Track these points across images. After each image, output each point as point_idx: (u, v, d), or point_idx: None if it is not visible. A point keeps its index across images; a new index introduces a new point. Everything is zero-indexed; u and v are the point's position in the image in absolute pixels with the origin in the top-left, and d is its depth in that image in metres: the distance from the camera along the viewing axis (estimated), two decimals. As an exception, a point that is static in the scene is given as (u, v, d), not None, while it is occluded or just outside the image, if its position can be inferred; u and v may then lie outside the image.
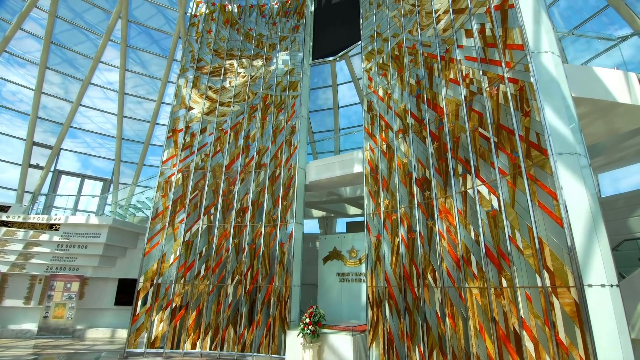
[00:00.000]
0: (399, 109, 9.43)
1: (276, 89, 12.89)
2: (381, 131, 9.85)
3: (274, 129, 12.34)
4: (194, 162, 11.95)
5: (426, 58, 8.88)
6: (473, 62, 7.34)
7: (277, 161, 11.89)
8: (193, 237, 11.15)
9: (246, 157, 12.14)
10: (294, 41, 13.51)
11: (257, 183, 11.76)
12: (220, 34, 14.03)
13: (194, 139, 12.34)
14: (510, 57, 6.41)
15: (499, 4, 6.80)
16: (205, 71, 13.39)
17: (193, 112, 12.73)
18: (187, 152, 12.18)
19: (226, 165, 11.99)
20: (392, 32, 10.40)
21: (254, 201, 11.53)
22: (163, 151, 12.16)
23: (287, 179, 11.54)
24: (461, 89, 7.52)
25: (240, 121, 12.58)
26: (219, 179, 11.86)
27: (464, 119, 7.34)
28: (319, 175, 11.34)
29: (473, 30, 7.37)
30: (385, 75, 10.28)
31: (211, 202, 11.63)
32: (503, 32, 6.62)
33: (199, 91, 13.08)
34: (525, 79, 5.98)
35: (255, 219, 11.31)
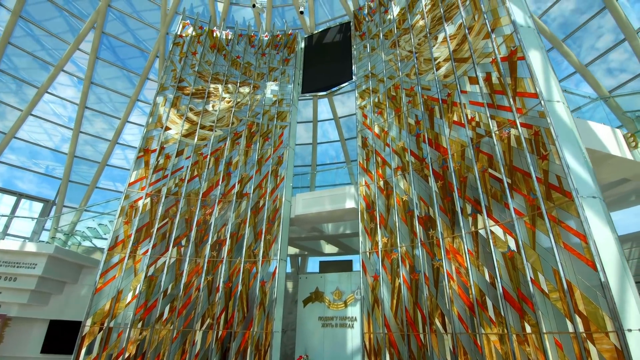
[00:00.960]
0: (397, 147, 9.44)
1: (263, 118, 12.44)
2: (377, 167, 9.72)
3: (259, 157, 11.69)
4: (167, 187, 10.72)
5: (426, 100, 9.16)
6: (479, 106, 7.64)
7: (262, 191, 11.12)
8: (158, 272, 9.65)
9: (226, 184, 11.22)
10: (283, 73, 13.43)
11: (238, 213, 10.79)
12: (205, 57, 13.53)
13: (168, 161, 11.20)
14: (521, 104, 6.74)
15: (506, 55, 7.29)
16: (187, 92, 12.60)
17: (170, 133, 11.69)
18: (159, 175, 10.95)
19: (203, 192, 10.92)
20: (388, 74, 10.75)
21: (233, 233, 10.47)
22: (130, 172, 10.79)
23: (272, 211, 10.75)
24: (467, 131, 7.71)
25: (222, 147, 11.78)
26: (193, 207, 10.70)
27: (471, 160, 7.44)
28: (307, 209, 10.74)
29: (479, 79, 7.75)
30: (381, 113, 10.40)
31: (183, 233, 10.34)
32: (512, 81, 7.02)
33: (179, 112, 12.17)
34: (541, 124, 6.25)
35: (234, 254, 10.20)
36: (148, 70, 15.24)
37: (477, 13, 8.40)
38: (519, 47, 6.99)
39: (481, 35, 8.09)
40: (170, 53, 13.19)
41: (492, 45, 7.62)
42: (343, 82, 12.57)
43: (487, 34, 7.90)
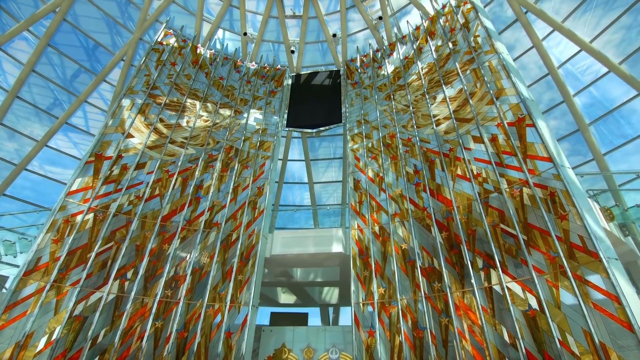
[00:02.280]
0: (394, 194, 9.24)
1: (244, 144, 11.43)
2: (372, 212, 9.29)
3: (236, 185, 10.44)
4: (118, 203, 8.72)
5: (425, 152, 9.35)
6: (486, 164, 7.95)
7: (235, 223, 9.73)
8: (88, 311, 7.33)
9: (194, 210, 9.60)
10: (269, 104, 12.87)
11: (204, 246, 9.13)
12: (185, 71, 12.40)
13: (124, 173, 9.29)
14: (533, 165, 7.15)
15: (514, 121, 7.89)
16: (159, 101, 11.13)
17: (131, 141, 9.91)
18: (109, 187, 8.93)
19: (164, 216, 9.12)
20: (383, 122, 10.94)
21: (196, 269, 8.71)
22: (73, 179, 8.61)
23: (246, 247, 9.34)
24: (473, 186, 7.87)
25: (193, 168, 10.30)
26: (149, 232, 8.77)
27: (479, 214, 7.48)
28: (287, 248, 9.58)
29: (484, 139, 8.19)
30: (375, 158, 10.30)
31: (130, 262, 8.26)
32: (522, 144, 7.51)
33: (146, 120, 10.54)
34: (557, 186, 6.60)
35: (194, 295, 8.36)
36: (107, 71, 13.30)
37: (478, 81, 9.19)
38: (527, 115, 7.63)
39: (484, 101, 8.76)
40: (147, 57, 11.78)
41: (497, 111, 8.24)
42: (331, 124, 12.46)
43: (490, 101, 8.57)
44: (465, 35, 10.19)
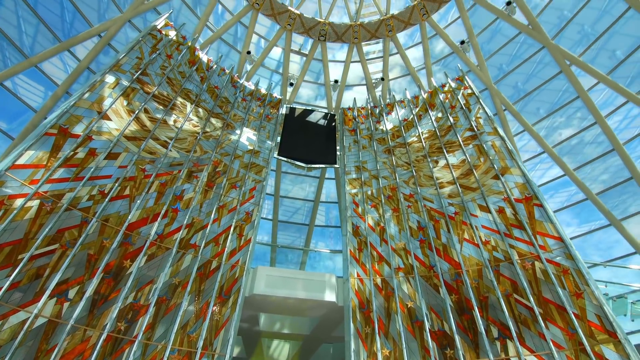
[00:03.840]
0: (397, 247, 8.91)
1: (233, 162, 10.16)
2: (373, 261, 8.71)
3: (221, 205, 8.97)
4: (74, 195, 6.64)
5: (429, 211, 9.43)
6: (494, 233, 8.25)
7: (217, 249, 8.13)
8: (4, 339, 4.95)
9: (169, 224, 7.82)
10: (263, 127, 12.00)
11: (176, 270, 7.31)
12: (180, 68, 11.05)
13: (90, 159, 7.29)
14: (544, 242, 7.62)
15: (521, 198, 8.51)
16: (147, 89, 9.49)
17: (107, 124, 8.02)
18: (68, 172, 6.84)
19: (131, 223, 7.20)
20: (383, 174, 10.93)
21: (162, 299, 6.80)
22: (23, 149, 6.38)
23: (227, 280, 7.75)
24: (482, 252, 8.02)
25: (175, 174, 8.65)
26: (109, 240, 6.74)
27: (490, 281, 7.52)
28: (272, 289, 8.18)
29: (491, 211, 8.61)
30: (375, 207, 10.02)
31: (76, 277, 6.08)
32: (531, 221, 8.04)
33: (129, 106, 8.77)
34: (570, 265, 7.04)
35: (156, 333, 6.38)
36: (78, 42, 11.09)
37: (482, 156, 9.95)
38: (534, 195, 8.33)
39: (489, 175, 9.42)
40: (142, 40, 10.23)
41: (503, 187, 8.86)
42: (326, 164, 12.00)
43: (495, 176, 9.24)
44: (466, 114, 11.23)
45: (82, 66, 11.45)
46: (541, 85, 12.61)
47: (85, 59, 11.48)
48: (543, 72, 12.70)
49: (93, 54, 11.70)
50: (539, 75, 12.62)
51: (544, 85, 12.61)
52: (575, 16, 11.36)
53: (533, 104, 12.70)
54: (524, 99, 12.76)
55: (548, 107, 12.33)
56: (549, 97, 12.38)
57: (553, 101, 12.36)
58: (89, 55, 11.64)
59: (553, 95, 12.34)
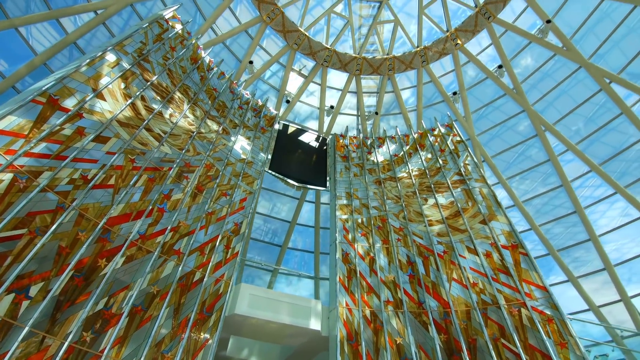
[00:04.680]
0: (387, 279, 8.74)
1: (225, 168, 9.57)
2: (362, 292, 8.41)
3: (210, 211, 8.28)
4: (53, 175, 5.74)
5: (419, 247, 9.48)
6: (482, 276, 8.45)
7: (202, 259, 7.37)
8: None
9: (153, 223, 7.00)
10: (257, 138, 11.57)
11: (155, 277, 6.45)
12: (182, 62, 10.48)
13: (77, 139, 6.42)
14: (529, 289, 7.91)
15: (507, 245, 8.88)
16: (146, 77, 8.80)
17: (101, 104, 7.21)
18: (50, 149, 5.93)
19: (112, 217, 6.33)
20: (373, 204, 10.93)
21: (137, 309, 5.90)
22: (3, 112, 5.44)
23: (210, 296, 6.98)
24: (470, 294, 8.12)
25: (165, 170, 7.90)
26: (85, 233, 5.82)
27: (479, 324, 7.57)
28: (255, 310, 7.47)
29: (479, 254, 8.88)
30: (365, 236, 9.87)
31: (41, 271, 5.10)
32: (517, 268, 8.36)
33: (127, 89, 8.02)
34: (554, 314, 7.32)
35: (126, 347, 5.46)
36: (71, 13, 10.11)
37: (470, 201, 10.37)
38: (519, 244, 8.75)
39: (476, 219, 9.79)
40: (149, 26, 9.61)
41: (490, 233, 9.23)
42: (316, 186, 11.73)
43: (483, 221, 9.63)
44: (455, 159, 11.79)
45: (68, 40, 10.44)
46: (518, 144, 13.77)
47: (73, 33, 10.51)
48: (517, 134, 13.92)
49: (84, 30, 10.77)
50: (516, 132, 13.79)
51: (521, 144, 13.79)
52: (558, 85, 12.70)
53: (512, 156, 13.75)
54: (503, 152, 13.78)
55: (526, 164, 13.38)
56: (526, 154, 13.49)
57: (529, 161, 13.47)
58: (79, 30, 10.68)
59: (526, 162, 13.49)
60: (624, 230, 11.25)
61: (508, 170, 13.95)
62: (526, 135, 13.63)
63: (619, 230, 11.60)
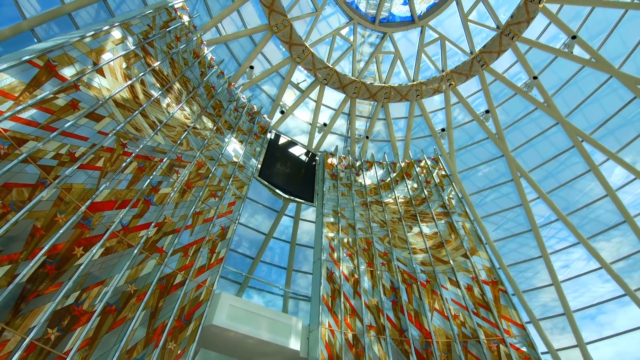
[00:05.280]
0: (371, 303, 8.56)
1: (216, 169, 9.13)
2: (346, 314, 8.14)
3: (197, 211, 7.76)
4: (39, 146, 5.13)
5: (403, 273, 9.46)
6: (463, 309, 8.53)
7: (185, 261, 6.80)
8: None
9: (138, 216, 6.41)
10: (250, 144, 11.23)
11: (134, 275, 5.83)
12: (185, 54, 10.10)
13: (70, 111, 5.84)
14: (507, 326, 8.06)
15: (488, 280, 9.09)
16: (149, 61, 8.34)
17: (99, 80, 6.67)
18: (39, 117, 5.33)
19: (95, 202, 5.72)
20: (360, 225, 10.85)
21: (110, 309, 5.25)
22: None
23: (190, 302, 6.40)
24: (451, 326, 8.14)
25: (157, 161, 7.37)
26: (63, 215, 5.19)
27: (459, 357, 7.55)
28: (234, 322, 6.91)
29: (461, 288, 9.01)
30: (351, 256, 9.70)
31: (9, 252, 4.42)
32: (496, 304, 8.53)
33: (128, 70, 7.52)
34: (531, 353, 7.47)
35: (95, 351, 4.79)
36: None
37: (453, 233, 10.61)
38: (500, 280, 8.99)
39: (459, 252, 10.00)
40: (157, 11, 9.22)
41: (472, 268, 9.44)
42: (303, 200, 11.47)
43: (465, 254, 9.85)
44: (439, 192, 12.13)
45: (64, 10, 9.76)
46: (493, 187, 14.51)
47: (71, 4, 9.85)
48: (498, 175, 14.71)
49: (83, 2, 10.14)
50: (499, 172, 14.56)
51: (496, 187, 14.55)
52: (537, 136, 13.66)
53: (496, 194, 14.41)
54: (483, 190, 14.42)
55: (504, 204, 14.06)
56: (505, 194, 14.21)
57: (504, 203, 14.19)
58: (77, 2, 10.05)
59: (504, 202, 14.21)
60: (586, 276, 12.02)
61: (483, 208, 14.58)
62: (504, 178, 14.45)
63: (581, 276, 12.40)
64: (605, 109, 13.00)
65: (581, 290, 12.46)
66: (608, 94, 12.94)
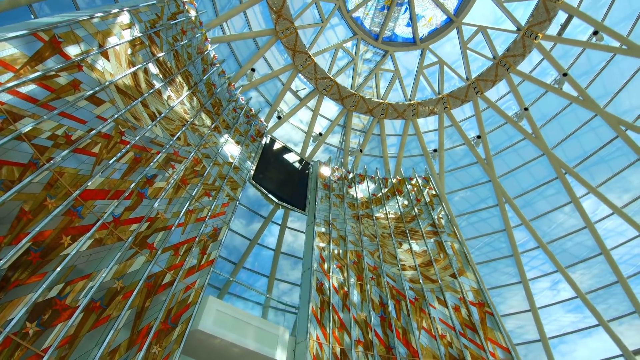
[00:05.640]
0: (359, 318, 8.40)
1: (212, 167, 8.85)
2: (334, 327, 7.93)
3: (190, 209, 7.45)
4: (34, 124, 4.80)
5: (391, 289, 9.39)
6: (450, 329, 8.51)
7: (175, 260, 6.46)
8: None
9: (130, 208, 6.06)
10: (247, 146, 11.01)
11: (122, 270, 5.46)
12: (190, 48, 9.89)
13: (70, 91, 5.53)
14: (493, 348, 8.08)
15: (475, 302, 9.14)
16: (154, 50, 8.09)
17: (103, 62, 6.38)
18: (37, 93, 5.00)
19: (87, 190, 5.37)
20: (351, 237, 10.75)
21: (94, 305, 4.87)
22: None
23: (178, 304, 6.05)
24: (439, 346, 8.09)
25: (153, 153, 7.06)
26: (53, 200, 4.83)
27: (445, 377, 7.48)
28: (221, 329, 6.57)
29: (448, 307, 9.01)
30: (341, 269, 9.54)
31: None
32: (483, 326, 8.57)
33: (132, 57, 7.25)
34: (516, 378, 7.50)
35: (75, 350, 4.39)
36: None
37: (441, 253, 10.68)
38: (487, 303, 9.07)
39: (447, 272, 10.05)
40: (167, 2, 9.01)
41: (460, 288, 9.50)
42: (296, 207, 11.28)
43: (453, 274, 9.91)
44: (429, 211, 12.26)
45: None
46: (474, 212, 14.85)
47: None
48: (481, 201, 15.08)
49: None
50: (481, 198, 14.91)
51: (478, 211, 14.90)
52: (522, 165, 14.13)
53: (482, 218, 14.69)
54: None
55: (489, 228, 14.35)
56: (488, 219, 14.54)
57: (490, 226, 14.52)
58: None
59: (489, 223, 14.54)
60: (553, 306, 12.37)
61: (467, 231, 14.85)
62: (484, 203, 14.83)
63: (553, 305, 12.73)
64: (583, 146, 13.72)
65: (548, 319, 12.78)
66: (587, 132, 13.68)
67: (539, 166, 14.35)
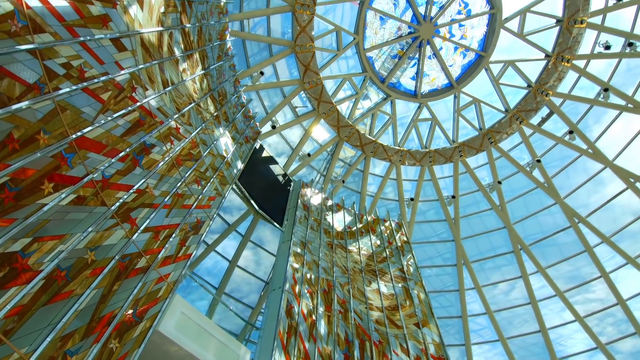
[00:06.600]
0: (324, 352, 7.81)
1: (206, 155, 8.15)
2: (299, 356, 7.25)
3: (179, 193, 6.65)
4: (54, 44, 4.05)
5: (357, 327, 8.98)
6: (411, 380, 8.22)
7: (154, 245, 5.59)
8: None
9: (121, 173, 5.24)
10: (241, 145, 10.41)
11: (97, 240, 4.57)
12: (213, 30, 9.44)
13: (98, 24, 4.84)
14: (450, 409, 7.88)
15: (436, 356, 9.00)
16: (182, 19, 7.56)
17: (137, 9, 5.76)
18: (68, 12, 4.28)
19: (84, 137, 4.57)
20: (324, 264, 10.31)
21: (59, 274, 3.95)
22: None
23: (149, 296, 5.14)
24: (398, 395, 7.73)
25: (157, 122, 6.33)
26: (47, 136, 4.01)
27: None
28: (183, 335, 5.62)
29: (410, 357, 8.80)
30: (311, 295, 8.98)
31: (-32, 154, 3.15)
32: (442, 383, 8.39)
33: (164, 16, 6.67)
34: None
35: (22, 329, 3.41)
36: None
37: (408, 299, 10.59)
38: (446, 358, 8.98)
39: (412, 320, 9.92)
40: (206, -23, 8.63)
41: (422, 339, 9.38)
42: (274, 221, 10.63)
43: (417, 324, 9.79)
44: (399, 256, 12.32)
45: None
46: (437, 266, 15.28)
47: None
48: (443, 260, 15.59)
49: None
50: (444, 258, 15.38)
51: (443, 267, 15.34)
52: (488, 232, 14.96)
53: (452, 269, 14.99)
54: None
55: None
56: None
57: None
58: None
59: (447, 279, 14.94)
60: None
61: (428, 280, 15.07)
62: (451, 262, 15.35)
63: None
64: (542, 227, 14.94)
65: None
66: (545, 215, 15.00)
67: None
